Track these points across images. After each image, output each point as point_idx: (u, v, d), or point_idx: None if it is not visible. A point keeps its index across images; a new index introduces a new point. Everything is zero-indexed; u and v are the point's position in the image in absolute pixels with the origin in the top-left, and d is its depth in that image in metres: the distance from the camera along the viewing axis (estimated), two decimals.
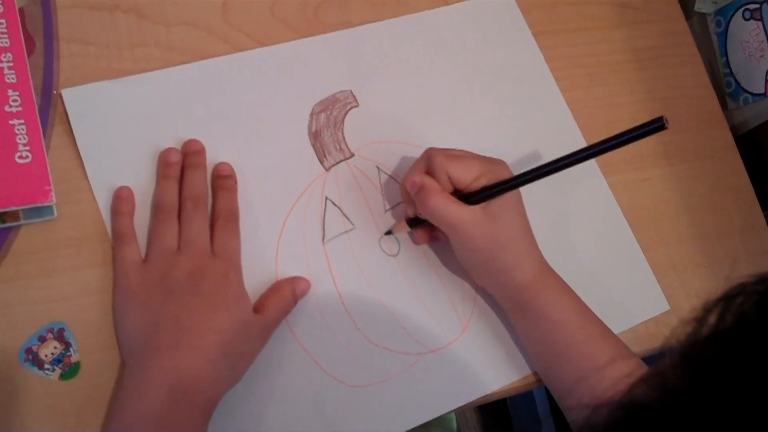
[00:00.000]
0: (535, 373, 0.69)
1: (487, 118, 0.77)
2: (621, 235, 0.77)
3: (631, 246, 0.77)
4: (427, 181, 0.63)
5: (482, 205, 0.62)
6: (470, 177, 0.62)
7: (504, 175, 0.63)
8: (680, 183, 0.82)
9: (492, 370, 0.68)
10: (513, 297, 0.65)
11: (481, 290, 0.70)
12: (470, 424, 1.37)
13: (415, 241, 0.70)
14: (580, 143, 0.78)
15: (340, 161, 0.71)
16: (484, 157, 0.65)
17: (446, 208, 0.62)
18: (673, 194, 0.81)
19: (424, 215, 0.64)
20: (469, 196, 0.63)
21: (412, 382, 0.66)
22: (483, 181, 0.62)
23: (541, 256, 0.66)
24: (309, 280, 0.66)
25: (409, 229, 0.68)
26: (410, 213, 0.67)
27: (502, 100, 0.78)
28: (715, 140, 0.85)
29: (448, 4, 0.80)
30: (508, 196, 0.63)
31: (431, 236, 0.69)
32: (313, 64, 0.74)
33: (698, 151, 0.84)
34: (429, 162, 0.64)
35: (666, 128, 0.55)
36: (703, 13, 0.91)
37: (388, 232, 0.70)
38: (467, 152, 0.65)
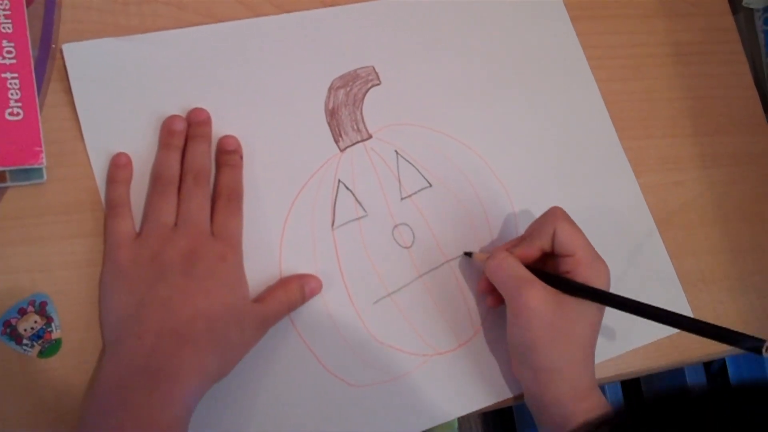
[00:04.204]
0: None
1: (518, 107, 0.72)
2: (649, 242, 0.72)
3: (659, 254, 0.72)
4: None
5: (557, 291, 0.58)
6: (570, 250, 0.59)
7: (601, 277, 0.59)
8: (714, 188, 0.76)
9: (503, 377, 0.63)
10: (548, 406, 0.58)
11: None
12: (473, 430, 1.33)
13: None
14: (612, 138, 0.73)
15: (357, 142, 0.66)
16: (593, 249, 0.60)
17: (517, 268, 0.59)
18: (707, 200, 0.76)
19: (490, 274, 0.60)
20: (553, 280, 0.59)
21: (417, 385, 0.61)
22: (577, 271, 0.58)
23: (594, 377, 0.59)
24: (321, 280, 0.61)
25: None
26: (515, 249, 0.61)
27: (534, 87, 0.73)
28: (755, 145, 0.80)
29: None
30: (588, 305, 0.58)
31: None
32: (335, 35, 0.68)
33: (736, 156, 0.78)
34: (547, 214, 0.61)
35: (762, 355, 0.52)
36: (751, 9, 0.85)
37: (468, 254, 0.65)
38: (584, 234, 0.61)
